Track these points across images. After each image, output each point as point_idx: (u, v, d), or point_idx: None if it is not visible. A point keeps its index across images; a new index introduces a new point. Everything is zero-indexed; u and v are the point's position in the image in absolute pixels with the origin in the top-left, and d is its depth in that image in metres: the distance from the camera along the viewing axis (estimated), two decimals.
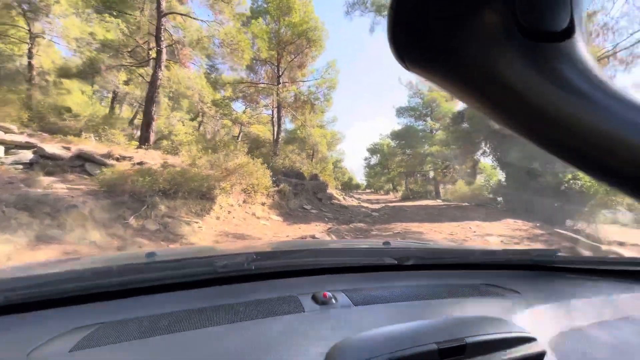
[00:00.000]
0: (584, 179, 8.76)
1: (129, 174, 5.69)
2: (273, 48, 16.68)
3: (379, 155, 33.11)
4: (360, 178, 45.52)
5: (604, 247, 6.35)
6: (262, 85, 18.17)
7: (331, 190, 16.74)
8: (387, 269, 1.09)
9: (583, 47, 0.20)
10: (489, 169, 18.84)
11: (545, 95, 0.20)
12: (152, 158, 8.38)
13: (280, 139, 17.31)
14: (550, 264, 1.21)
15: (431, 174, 25.34)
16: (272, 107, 18.40)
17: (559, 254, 1.22)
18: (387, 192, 35.61)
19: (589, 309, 0.88)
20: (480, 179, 18.60)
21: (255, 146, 16.45)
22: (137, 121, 14.48)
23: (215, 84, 15.84)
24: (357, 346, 0.52)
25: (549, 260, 1.22)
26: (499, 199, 13.56)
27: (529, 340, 0.60)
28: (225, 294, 0.83)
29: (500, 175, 15.25)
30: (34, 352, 0.56)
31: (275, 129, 17.76)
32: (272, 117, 18.61)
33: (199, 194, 6.47)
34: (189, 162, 7.51)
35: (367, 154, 35.29)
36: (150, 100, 10.51)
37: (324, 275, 0.99)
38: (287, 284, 0.91)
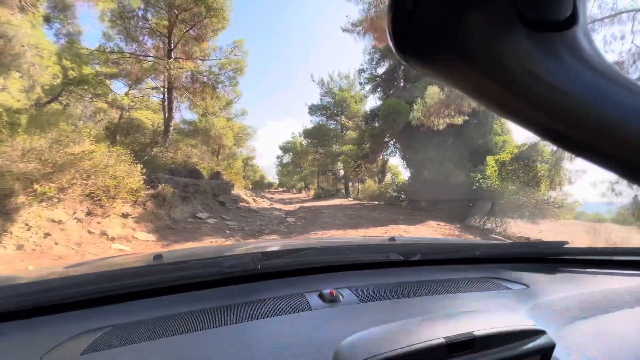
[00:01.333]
0: (492, 178, 9.00)
1: None
2: (163, 16, 13.26)
3: (291, 153, 32.19)
4: (272, 177, 44.19)
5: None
6: (148, 59, 14.36)
7: (239, 190, 14.34)
8: (393, 265, 1.07)
9: (587, 35, 0.20)
10: (395, 168, 19.64)
11: (550, 85, 0.19)
12: None
13: (171, 128, 13.90)
14: (559, 255, 1.20)
15: (342, 172, 25.55)
16: (165, 88, 14.81)
17: (567, 245, 1.18)
18: (299, 191, 35.12)
19: (598, 301, 0.87)
20: (388, 178, 19.22)
21: (125, 132, 12.67)
22: None
23: (70, 48, 11.48)
24: (365, 342, 0.52)
25: (557, 252, 1.20)
26: (402, 196, 13.86)
27: (538, 333, 0.59)
28: (232, 294, 0.82)
29: (408, 174, 15.78)
30: (46, 356, 0.56)
31: (166, 115, 14.27)
32: (163, 101, 14.98)
33: None
34: None
35: (279, 152, 33.90)
36: None
37: (330, 272, 0.98)
38: (294, 283, 0.90)
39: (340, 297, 0.79)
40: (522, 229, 8.46)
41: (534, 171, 7.87)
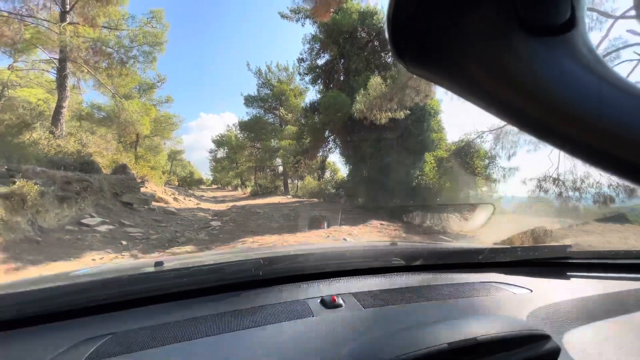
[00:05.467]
0: (429, 175, 8.88)
1: None
2: None
3: (226, 148, 29.85)
4: (205, 173, 41.08)
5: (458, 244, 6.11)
6: (36, 23, 11.13)
7: (156, 188, 12.14)
8: (395, 270, 1.06)
9: (586, 38, 0.20)
10: (334, 165, 19.47)
11: (550, 89, 0.19)
12: None
13: (64, 110, 11.02)
14: (562, 259, 1.19)
15: (280, 168, 24.64)
16: (55, 60, 11.70)
17: (570, 249, 1.18)
18: (235, 188, 33.31)
19: (603, 305, 0.86)
20: (327, 175, 18.95)
21: None
22: None
23: None
24: (368, 349, 0.51)
25: (561, 256, 1.20)
26: (341, 192, 13.61)
27: (542, 338, 0.58)
28: (234, 300, 0.81)
29: (347, 171, 15.49)
30: None
31: (59, 93, 11.27)
32: (58, 77, 11.86)
33: None
34: None
35: (213, 146, 31.24)
36: None
37: (332, 278, 0.97)
38: (295, 289, 0.89)
39: (342, 303, 0.78)
40: (462, 225, 8.51)
41: (472, 167, 7.92)
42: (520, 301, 0.86)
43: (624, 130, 0.18)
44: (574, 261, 1.18)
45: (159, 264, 0.93)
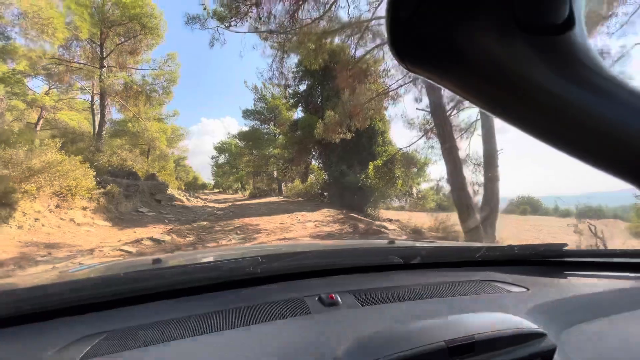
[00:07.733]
0: (372, 177, 12.55)
1: None
2: (95, 25, 14.04)
3: (227, 154, 32.54)
4: (207, 177, 43.62)
5: (377, 222, 9.70)
6: (76, 64, 14.87)
7: (172, 190, 15.86)
8: (393, 268, 1.08)
9: (584, 38, 0.20)
10: (317, 170, 22.86)
11: (548, 88, 0.19)
12: None
13: (104, 132, 14.78)
14: (559, 257, 1.21)
15: (275, 173, 27.66)
16: (93, 92, 15.42)
17: (567, 248, 1.20)
18: (235, 192, 35.55)
19: (599, 303, 0.87)
20: (311, 178, 22.33)
21: (69, 140, 13.46)
22: None
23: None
24: (365, 347, 0.53)
25: (557, 254, 1.22)
26: (325, 193, 17.13)
27: (539, 335, 0.60)
28: (232, 298, 0.82)
29: (325, 175, 19.05)
30: None
31: (98, 119, 14.99)
32: (92, 104, 15.56)
33: None
34: None
35: (214, 152, 34.33)
36: None
37: (330, 276, 0.99)
38: (293, 286, 0.90)
39: (340, 301, 0.78)
40: (390, 214, 12.23)
41: (393, 173, 11.54)
42: (517, 299, 0.87)
43: (622, 130, 0.18)
44: (570, 260, 1.19)
45: (156, 261, 0.95)
